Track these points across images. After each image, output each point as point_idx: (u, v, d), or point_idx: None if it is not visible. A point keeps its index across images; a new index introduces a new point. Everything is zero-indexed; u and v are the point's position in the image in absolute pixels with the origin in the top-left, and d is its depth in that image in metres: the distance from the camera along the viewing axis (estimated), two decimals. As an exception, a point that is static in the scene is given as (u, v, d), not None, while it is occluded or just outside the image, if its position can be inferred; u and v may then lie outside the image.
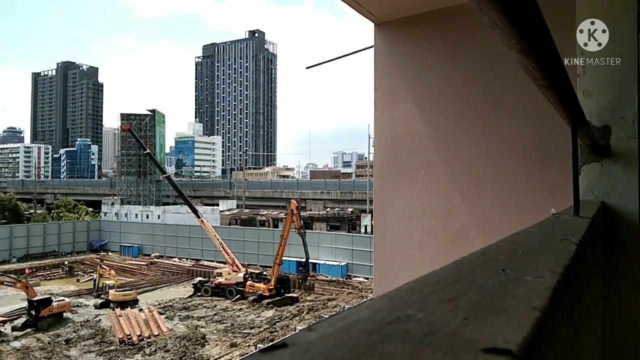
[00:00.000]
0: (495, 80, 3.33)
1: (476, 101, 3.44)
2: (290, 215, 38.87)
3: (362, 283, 43.60)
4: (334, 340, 0.41)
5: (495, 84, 3.34)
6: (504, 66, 3.18)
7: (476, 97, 3.43)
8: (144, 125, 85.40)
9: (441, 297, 0.55)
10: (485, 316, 0.48)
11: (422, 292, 0.56)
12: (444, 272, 0.69)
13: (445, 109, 3.53)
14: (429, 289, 0.58)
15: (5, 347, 27.96)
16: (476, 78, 3.42)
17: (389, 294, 0.56)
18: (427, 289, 0.58)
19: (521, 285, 0.63)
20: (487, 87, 3.39)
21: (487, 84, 3.38)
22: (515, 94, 3.24)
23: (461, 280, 0.64)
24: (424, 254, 3.45)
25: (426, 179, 3.49)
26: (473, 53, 3.41)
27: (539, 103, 2.98)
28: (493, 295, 0.58)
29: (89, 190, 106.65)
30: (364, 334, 0.42)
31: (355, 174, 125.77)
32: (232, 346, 28.01)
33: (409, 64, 3.70)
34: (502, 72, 3.23)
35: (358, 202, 69.34)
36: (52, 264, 53.39)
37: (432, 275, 0.67)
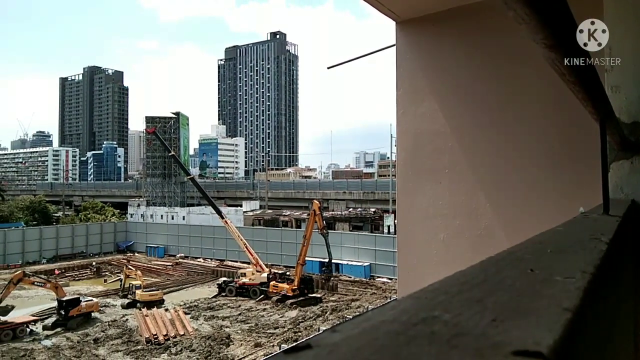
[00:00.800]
0: (519, 77, 3.27)
1: (500, 99, 3.38)
2: (313, 216, 38.91)
3: (385, 284, 43.37)
4: (359, 341, 0.40)
5: (519, 80, 3.28)
6: (528, 62, 3.13)
7: (500, 94, 3.38)
8: (169, 127, 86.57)
9: (468, 297, 0.53)
10: (514, 317, 0.47)
11: (448, 293, 0.55)
12: (471, 272, 0.67)
13: (469, 107, 3.48)
14: (455, 289, 0.57)
15: (37, 345, 28.66)
16: (500, 75, 3.37)
17: (414, 294, 0.55)
18: (453, 290, 0.56)
19: (550, 285, 0.61)
20: (511, 84, 3.33)
21: (511, 81, 3.32)
22: (540, 90, 3.18)
23: (488, 281, 0.62)
24: (449, 254, 3.41)
25: (450, 178, 3.45)
26: (496, 50, 3.35)
27: (565, 99, 2.92)
28: (522, 296, 0.56)
29: (116, 192, 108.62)
30: (389, 335, 0.41)
31: (377, 174, 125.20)
32: (256, 346, 28.17)
33: (431, 62, 3.66)
34: (526, 68, 3.17)
35: (381, 202, 69.01)
36: (81, 264, 54.54)
37: (458, 275, 0.66)
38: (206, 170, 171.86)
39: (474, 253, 3.27)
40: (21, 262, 53.23)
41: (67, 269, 52.11)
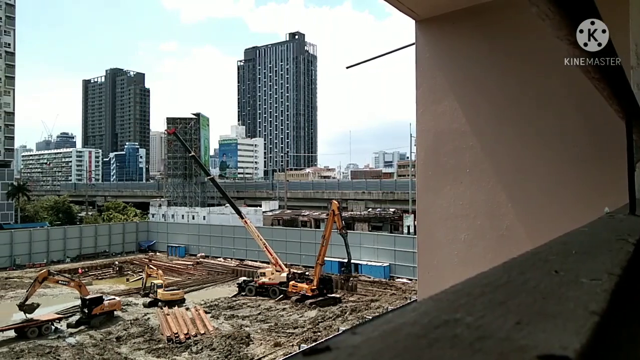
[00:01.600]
0: (541, 75, 3.22)
1: (522, 97, 3.33)
2: (332, 216, 38.87)
3: (405, 284, 43.13)
4: (379, 344, 0.39)
5: (541, 78, 3.23)
6: (550, 60, 3.08)
7: (522, 92, 3.33)
8: (189, 128, 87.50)
9: (491, 299, 0.51)
10: (539, 320, 0.45)
11: (471, 295, 0.53)
12: (493, 273, 0.65)
13: (490, 105, 3.44)
14: (477, 291, 0.55)
15: (62, 342, 29.21)
16: (521, 73, 3.32)
17: (435, 296, 0.53)
18: (475, 292, 0.55)
19: (576, 287, 0.59)
20: (533, 83, 3.28)
21: (533, 79, 3.27)
22: (562, 88, 3.12)
23: (511, 282, 0.60)
24: (470, 255, 3.37)
25: (471, 178, 3.41)
26: (517, 47, 3.30)
27: (589, 97, 2.86)
28: (546, 298, 0.54)
29: (138, 193, 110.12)
30: (410, 338, 0.40)
31: (397, 174, 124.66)
32: (275, 345, 28.26)
33: (452, 60, 3.63)
34: (549, 66, 3.12)
35: (400, 202, 68.66)
36: (103, 263, 55.44)
37: (481, 276, 0.63)
38: (226, 170, 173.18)
39: (495, 254, 3.23)
40: (46, 261, 54.35)
41: (90, 268, 53.02)
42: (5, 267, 51.46)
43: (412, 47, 3.79)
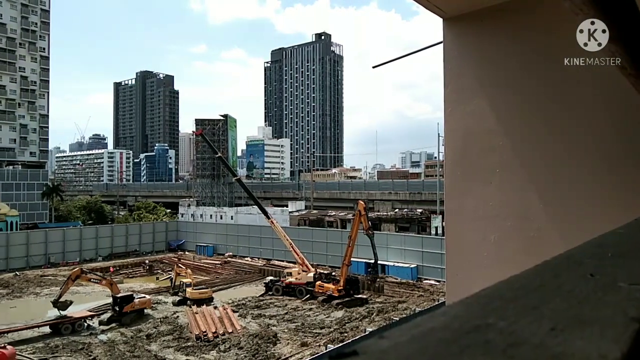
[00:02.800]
0: (572, 72, 3.13)
1: (552, 95, 3.25)
2: (358, 216, 38.73)
3: (433, 286, 42.67)
4: (408, 349, 0.38)
5: (572, 76, 3.14)
6: (583, 57, 2.99)
7: (552, 91, 3.25)
8: (217, 129, 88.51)
9: (524, 304, 0.49)
10: (575, 326, 0.43)
11: (503, 299, 0.51)
12: (526, 276, 0.63)
13: (520, 104, 3.37)
14: (509, 295, 0.53)
15: (94, 339, 29.89)
16: (552, 71, 3.24)
17: (465, 300, 0.51)
18: (507, 295, 0.52)
19: (614, 292, 0.56)
20: (565, 81, 3.19)
21: (565, 77, 3.19)
22: (595, 86, 3.03)
23: (545, 286, 0.57)
24: (499, 257, 3.30)
25: (501, 178, 3.34)
26: (547, 45, 3.23)
27: (624, 95, 2.78)
28: (582, 303, 0.51)
29: (167, 193, 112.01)
30: (441, 344, 0.39)
31: (424, 174, 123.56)
32: (302, 345, 28.32)
33: (480, 58, 3.56)
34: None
35: (428, 203, 68.00)
36: (134, 262, 56.53)
37: (513, 280, 0.61)
38: (253, 171, 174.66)
39: (526, 256, 3.16)
40: (79, 259, 55.75)
41: (121, 266, 54.13)
42: (40, 265, 53.02)
43: (440, 45, 3.74)
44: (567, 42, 3.06)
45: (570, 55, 3.09)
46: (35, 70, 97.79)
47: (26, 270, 50.82)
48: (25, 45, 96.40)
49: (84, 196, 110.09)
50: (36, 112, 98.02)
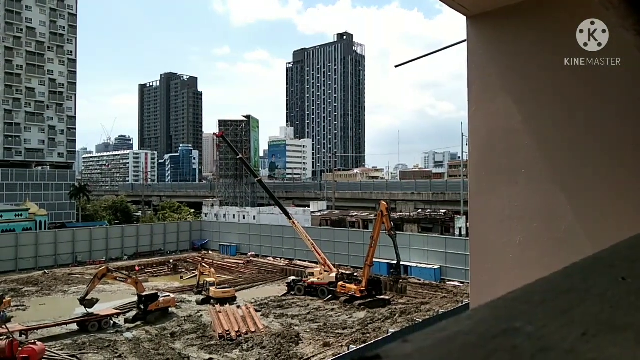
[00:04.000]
0: (600, 70, 3.05)
1: (580, 94, 3.17)
2: (380, 217, 38.53)
3: (457, 287, 42.20)
4: (432, 354, 0.37)
5: (600, 74, 3.06)
6: (611, 54, 2.92)
7: (580, 89, 3.17)
8: (240, 130, 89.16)
9: (553, 307, 0.47)
10: (608, 332, 0.41)
11: (530, 302, 0.49)
12: (554, 279, 0.60)
13: (546, 103, 3.29)
14: (537, 298, 0.51)
15: (120, 337, 30.40)
16: (579, 70, 3.16)
17: (491, 303, 0.49)
18: (535, 299, 0.50)
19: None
20: (593, 78, 3.11)
21: (593, 74, 3.11)
22: (624, 84, 2.95)
23: (574, 289, 0.55)
24: (525, 259, 3.23)
25: (527, 178, 3.27)
26: (574, 42, 3.15)
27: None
28: (615, 307, 0.49)
29: (191, 193, 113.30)
30: (466, 348, 0.37)
31: (447, 174, 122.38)
32: (325, 345, 28.30)
33: (505, 57, 3.50)
34: (612, 63, 2.96)
35: (451, 204, 67.31)
36: (159, 261, 57.34)
37: (540, 282, 0.58)
38: (275, 171, 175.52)
39: (553, 258, 3.09)
40: (105, 258, 56.81)
41: (146, 265, 54.96)
42: (68, 264, 54.20)
43: (463, 44, 3.69)
44: (596, 36, 2.99)
45: (595, 52, 3.01)
46: (63, 73, 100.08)
47: (54, 269, 52.02)
48: (54, 49, 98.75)
49: (110, 196, 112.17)
50: (64, 113, 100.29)
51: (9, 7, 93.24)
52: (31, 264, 52.26)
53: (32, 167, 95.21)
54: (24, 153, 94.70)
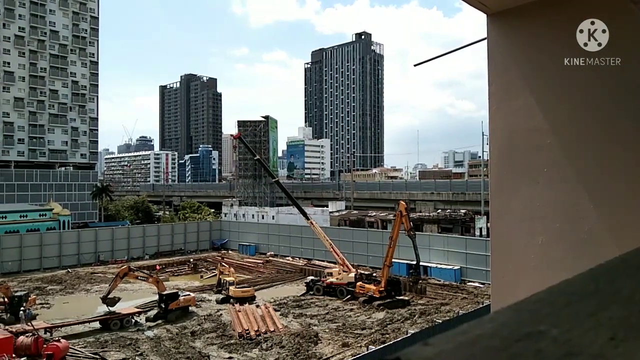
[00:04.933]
0: (624, 68, 2.99)
1: (603, 92, 3.11)
2: (399, 217, 38.30)
3: (477, 288, 41.76)
4: (454, 358, 0.36)
5: (624, 72, 3.00)
6: (632, 53, 2.85)
7: (603, 88, 3.11)
8: (259, 131, 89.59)
9: (578, 310, 0.46)
10: (638, 337, 0.40)
11: (555, 305, 0.48)
12: (579, 281, 0.58)
13: (569, 101, 3.24)
14: (562, 300, 0.49)
15: (141, 335, 30.80)
16: (602, 68, 3.10)
17: (515, 305, 0.47)
18: (560, 301, 0.49)
19: None
20: (617, 75, 3.05)
21: (617, 71, 3.04)
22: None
23: (601, 292, 0.53)
24: (547, 260, 3.18)
25: (549, 178, 3.22)
26: (605, 36, 3.09)
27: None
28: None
29: (211, 193, 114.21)
30: (489, 352, 0.36)
31: (468, 174, 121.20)
32: (343, 346, 28.26)
33: (527, 55, 3.45)
34: (631, 60, 2.89)
35: (471, 204, 66.61)
36: (179, 261, 57.92)
37: (565, 284, 0.56)
38: (294, 171, 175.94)
39: (575, 259, 3.04)
40: (127, 257, 57.60)
41: (167, 264, 55.56)
42: (91, 263, 55.11)
43: (483, 42, 3.65)
44: (619, 35, 2.93)
45: (619, 49, 2.95)
46: (85, 75, 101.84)
47: (77, 268, 52.94)
48: (76, 51, 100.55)
49: (132, 196, 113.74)
50: (86, 115, 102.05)
51: (33, 12, 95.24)
52: (55, 262, 53.28)
53: (56, 168, 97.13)
54: (47, 154, 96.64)
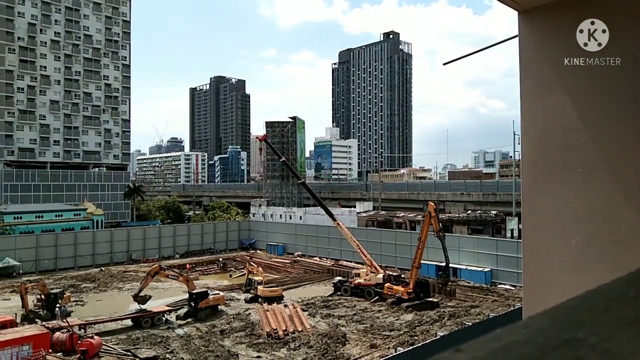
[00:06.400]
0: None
1: (639, 90, 3.00)
2: (428, 218, 37.89)
3: (508, 291, 41.00)
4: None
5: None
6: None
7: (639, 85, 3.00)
8: (286, 131, 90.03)
9: (618, 317, 0.43)
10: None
11: (593, 310, 0.45)
12: (617, 285, 0.55)
13: (604, 100, 3.14)
14: (601, 306, 0.46)
15: (171, 333, 31.31)
16: (638, 64, 2.99)
17: (550, 310, 0.45)
18: (598, 306, 0.46)
19: None
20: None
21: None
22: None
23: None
24: (581, 262, 3.09)
25: (583, 178, 3.13)
26: (632, 37, 2.99)
27: None
28: None
29: (239, 193, 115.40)
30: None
31: (499, 174, 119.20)
32: (371, 347, 28.14)
33: (560, 51, 3.36)
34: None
35: (502, 205, 65.43)
36: (209, 260, 58.71)
37: (603, 289, 0.53)
38: (321, 171, 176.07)
39: (611, 262, 2.94)
40: (158, 256, 58.71)
41: (197, 263, 56.35)
42: (123, 262, 56.35)
43: (515, 39, 3.58)
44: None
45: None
46: (118, 78, 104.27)
47: (110, 266, 54.22)
48: (109, 55, 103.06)
49: (163, 196, 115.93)
50: (119, 117, 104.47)
51: (68, 17, 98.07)
52: (89, 261, 54.68)
53: (90, 169, 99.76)
54: (82, 155, 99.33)
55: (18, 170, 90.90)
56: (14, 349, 24.61)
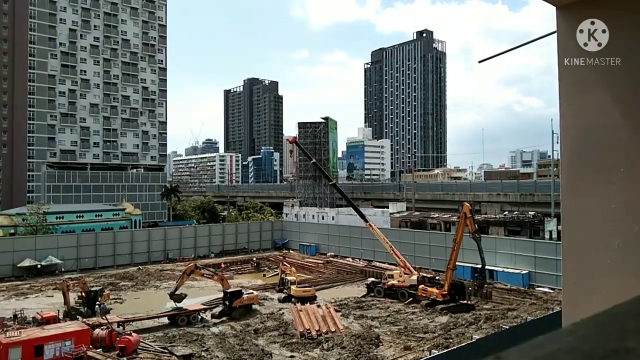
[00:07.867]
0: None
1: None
2: (464, 219, 37.23)
3: (546, 294, 39.91)
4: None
5: None
6: None
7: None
8: (319, 132, 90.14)
9: None
10: None
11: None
12: None
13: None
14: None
15: (207, 331, 31.79)
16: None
17: (596, 317, 0.43)
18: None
19: None
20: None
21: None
22: None
23: None
24: (625, 265, 2.97)
25: (625, 178, 3.01)
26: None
27: None
28: None
29: (272, 194, 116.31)
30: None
31: (536, 174, 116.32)
32: (405, 349, 27.84)
33: (600, 48, 3.25)
34: None
35: (540, 205, 63.79)
36: (243, 259, 59.40)
37: None
38: (353, 172, 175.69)
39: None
40: (193, 255, 59.77)
41: (231, 263, 57.14)
42: (160, 260, 57.62)
43: (552, 36, 3.48)
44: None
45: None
46: (155, 81, 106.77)
47: (147, 265, 55.52)
48: (146, 59, 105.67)
49: (198, 197, 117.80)
50: (156, 119, 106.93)
51: (107, 22, 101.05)
52: (127, 260, 56.12)
53: (128, 170, 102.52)
54: (120, 156, 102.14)
55: (60, 172, 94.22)
56: (57, 344, 25.48)
